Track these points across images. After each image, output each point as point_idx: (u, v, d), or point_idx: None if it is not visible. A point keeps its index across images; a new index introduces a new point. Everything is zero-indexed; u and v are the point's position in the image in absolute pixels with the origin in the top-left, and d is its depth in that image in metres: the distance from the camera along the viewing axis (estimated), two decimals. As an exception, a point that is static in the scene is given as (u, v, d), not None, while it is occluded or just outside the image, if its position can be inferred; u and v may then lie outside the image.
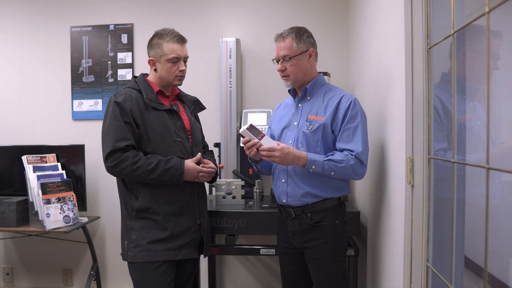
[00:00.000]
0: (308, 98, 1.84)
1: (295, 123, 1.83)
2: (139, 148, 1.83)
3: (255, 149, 1.70)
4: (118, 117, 1.78)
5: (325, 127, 1.74)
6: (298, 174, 1.77)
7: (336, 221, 1.78)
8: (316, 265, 1.78)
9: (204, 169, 1.87)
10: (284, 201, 1.81)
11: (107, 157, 1.77)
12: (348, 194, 1.89)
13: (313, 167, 1.69)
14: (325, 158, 1.70)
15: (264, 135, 1.73)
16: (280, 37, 1.80)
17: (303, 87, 1.84)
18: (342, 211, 1.82)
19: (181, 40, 1.91)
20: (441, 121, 1.45)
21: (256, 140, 1.70)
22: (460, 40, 1.44)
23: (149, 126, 1.83)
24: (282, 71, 1.81)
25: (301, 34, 1.79)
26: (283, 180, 1.81)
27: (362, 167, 1.72)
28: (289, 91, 1.91)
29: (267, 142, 1.70)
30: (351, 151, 1.70)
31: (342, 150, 1.72)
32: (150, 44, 1.92)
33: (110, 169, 1.79)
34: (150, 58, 1.91)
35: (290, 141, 1.80)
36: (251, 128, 1.72)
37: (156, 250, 1.81)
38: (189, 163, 1.84)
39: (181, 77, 1.92)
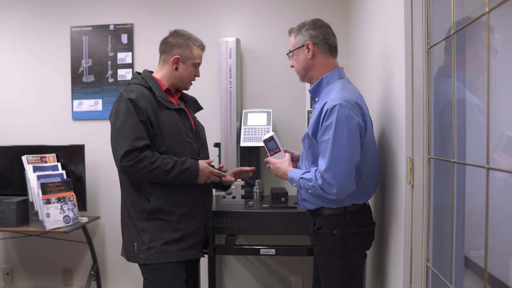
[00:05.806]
0: (316, 100, 1.73)
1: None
2: (152, 148, 1.80)
3: None
4: (133, 115, 1.74)
5: (309, 137, 1.62)
6: None
7: (335, 231, 1.62)
8: (319, 270, 1.73)
9: (216, 170, 1.90)
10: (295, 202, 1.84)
11: (124, 156, 1.71)
12: (350, 204, 1.66)
13: (294, 184, 1.65)
14: (300, 176, 1.60)
15: (279, 150, 1.77)
16: (288, 32, 1.76)
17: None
18: (346, 222, 1.62)
19: (204, 49, 1.99)
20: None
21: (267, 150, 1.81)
22: (461, 38, 1.43)
23: (163, 125, 1.80)
24: (292, 67, 1.76)
25: (301, 27, 1.69)
26: (294, 184, 1.74)
27: (330, 187, 1.50)
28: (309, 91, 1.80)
29: (277, 157, 1.78)
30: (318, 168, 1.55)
31: None
32: (178, 43, 1.90)
33: (126, 169, 1.73)
34: (175, 56, 1.89)
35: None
36: (269, 139, 1.78)
37: (171, 251, 1.80)
38: (203, 163, 1.85)
39: (192, 82, 1.99)
